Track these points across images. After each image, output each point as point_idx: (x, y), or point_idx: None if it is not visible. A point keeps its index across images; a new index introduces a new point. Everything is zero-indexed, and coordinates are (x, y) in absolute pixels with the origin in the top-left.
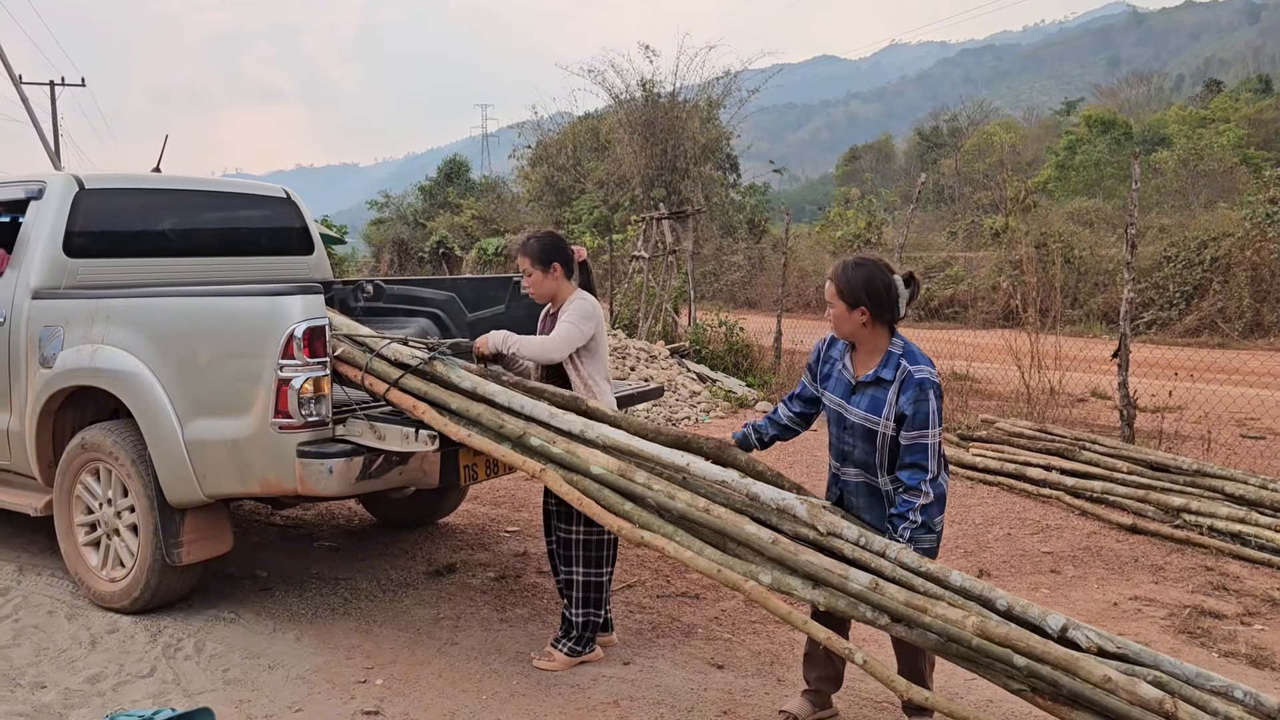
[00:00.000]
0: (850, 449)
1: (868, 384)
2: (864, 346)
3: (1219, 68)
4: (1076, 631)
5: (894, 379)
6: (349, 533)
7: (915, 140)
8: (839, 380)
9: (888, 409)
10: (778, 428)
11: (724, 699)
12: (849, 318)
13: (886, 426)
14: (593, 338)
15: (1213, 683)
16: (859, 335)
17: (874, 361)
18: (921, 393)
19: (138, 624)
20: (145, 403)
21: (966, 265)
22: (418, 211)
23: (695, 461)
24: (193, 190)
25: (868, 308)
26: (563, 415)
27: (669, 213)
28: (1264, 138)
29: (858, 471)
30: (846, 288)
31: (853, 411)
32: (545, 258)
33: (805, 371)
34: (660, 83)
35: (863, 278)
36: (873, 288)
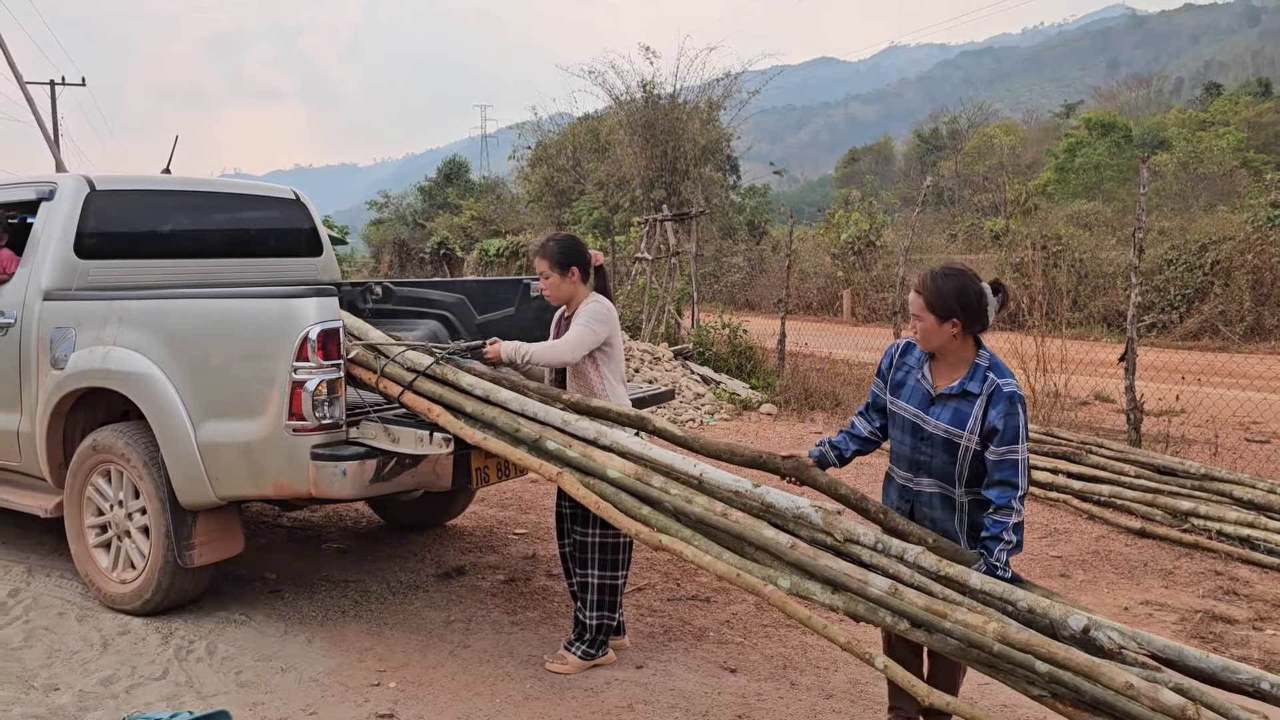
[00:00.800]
0: (927, 459)
1: (951, 396)
2: (947, 358)
3: (1218, 70)
4: (1098, 631)
5: (981, 392)
6: (357, 535)
7: (915, 142)
8: (916, 390)
9: (973, 423)
10: (858, 442)
11: (738, 703)
12: (939, 330)
13: (970, 440)
14: (608, 340)
15: (1239, 675)
16: (946, 347)
17: (958, 373)
18: (1012, 406)
19: (149, 626)
20: (158, 405)
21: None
22: (417, 212)
23: (708, 470)
24: (202, 192)
25: (960, 320)
26: (576, 422)
27: (672, 214)
28: (1264, 141)
29: (933, 483)
30: (938, 299)
31: (931, 423)
32: (564, 261)
33: (876, 380)
34: (660, 84)
35: (955, 288)
36: (966, 298)
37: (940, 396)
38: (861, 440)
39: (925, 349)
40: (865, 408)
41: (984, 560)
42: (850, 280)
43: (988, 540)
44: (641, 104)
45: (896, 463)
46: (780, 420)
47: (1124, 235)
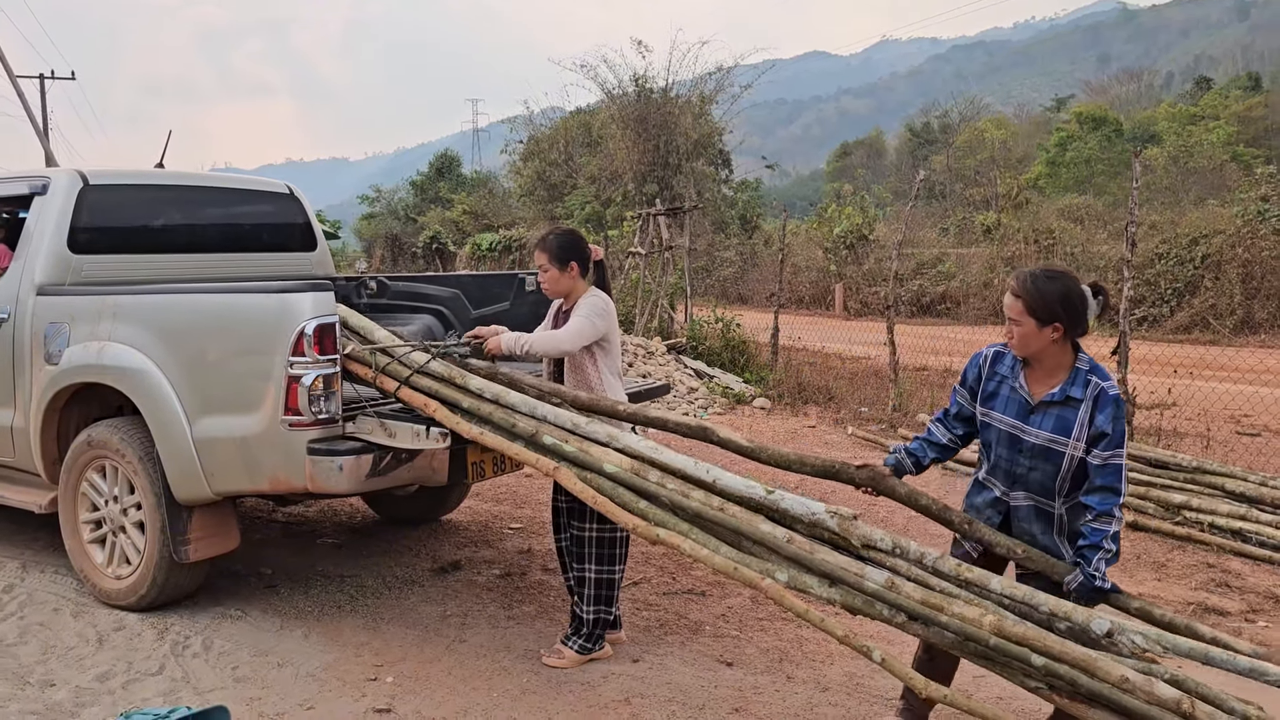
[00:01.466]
0: (1025, 472)
1: (1054, 403)
2: (1045, 363)
3: (1209, 65)
4: (1122, 636)
5: (1085, 397)
6: (352, 529)
7: (906, 136)
8: (1011, 400)
9: (1079, 429)
10: (936, 449)
11: (735, 696)
12: (1039, 335)
13: (1076, 448)
14: (606, 335)
15: (1269, 675)
16: (1045, 353)
17: (1056, 379)
18: (1118, 409)
19: (144, 621)
20: (153, 400)
21: (959, 261)
22: (409, 206)
23: (721, 476)
24: (196, 186)
25: (1063, 324)
26: (587, 424)
27: (665, 209)
28: (1253, 135)
29: (1028, 495)
30: (1040, 303)
31: (1032, 433)
32: (564, 256)
33: (960, 390)
34: (653, 78)
35: (1059, 291)
36: (1069, 302)
37: (1041, 404)
38: (940, 448)
39: (1021, 355)
40: (944, 415)
41: (1080, 570)
42: (842, 274)
43: (1085, 549)
44: (633, 98)
45: (992, 473)
46: (774, 414)
47: (1115, 229)
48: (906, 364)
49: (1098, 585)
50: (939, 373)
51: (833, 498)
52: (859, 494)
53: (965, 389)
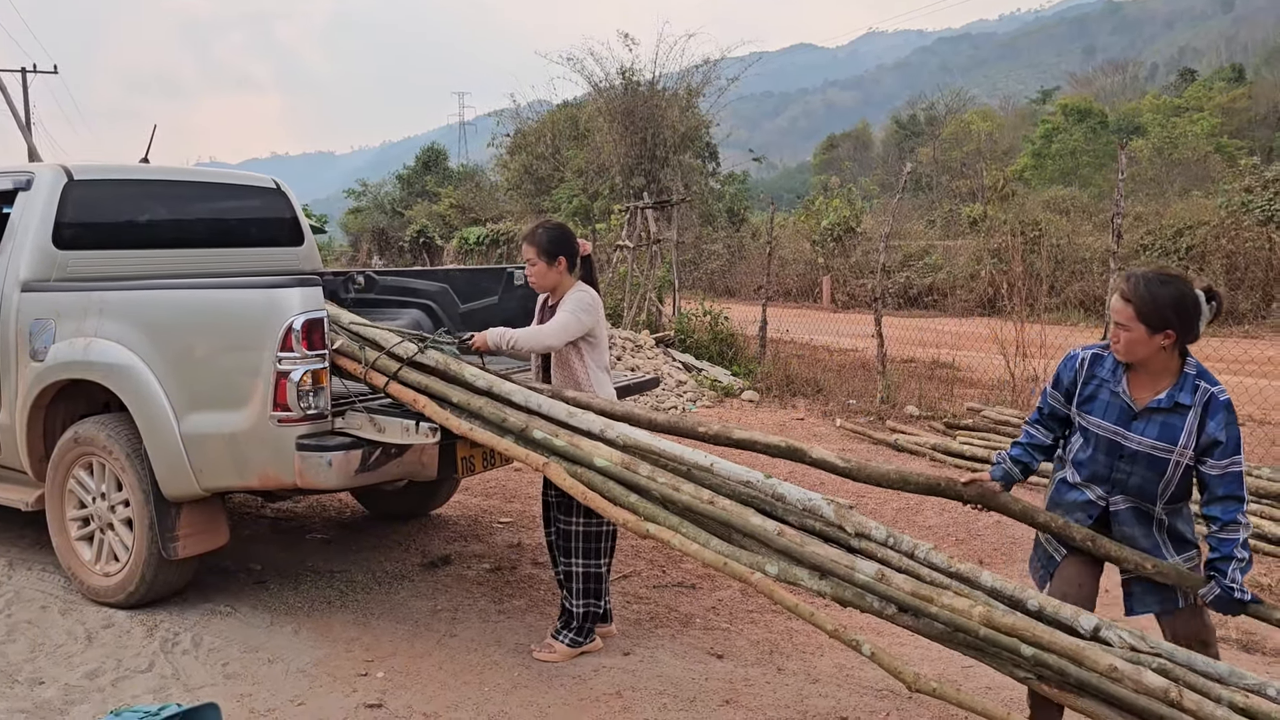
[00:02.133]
0: (1124, 477)
1: (1159, 410)
2: (1150, 368)
3: (1193, 56)
4: (1109, 631)
5: (1194, 403)
6: (341, 525)
7: (893, 129)
8: (1111, 405)
9: (1186, 436)
10: (1042, 452)
11: (725, 688)
12: (1148, 342)
13: (1184, 455)
14: (592, 330)
15: (1245, 680)
16: (1153, 359)
17: (1162, 384)
18: (1230, 415)
19: (133, 619)
20: (140, 396)
21: (945, 253)
22: (395, 200)
23: (719, 462)
24: (182, 181)
25: (1176, 331)
26: (582, 414)
27: (653, 202)
28: (1237, 126)
29: (1127, 499)
30: (1151, 309)
31: (1135, 439)
32: (552, 250)
33: (1052, 392)
34: (640, 71)
35: (1172, 297)
36: (1183, 308)
37: (1145, 411)
38: (1045, 450)
39: (1126, 360)
40: (1040, 416)
41: (1216, 583)
42: (830, 267)
43: (1218, 562)
44: (621, 91)
45: (1089, 480)
46: (762, 407)
47: (1100, 221)
48: (894, 356)
49: (1237, 597)
50: (926, 365)
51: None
52: (849, 488)
53: (1059, 391)
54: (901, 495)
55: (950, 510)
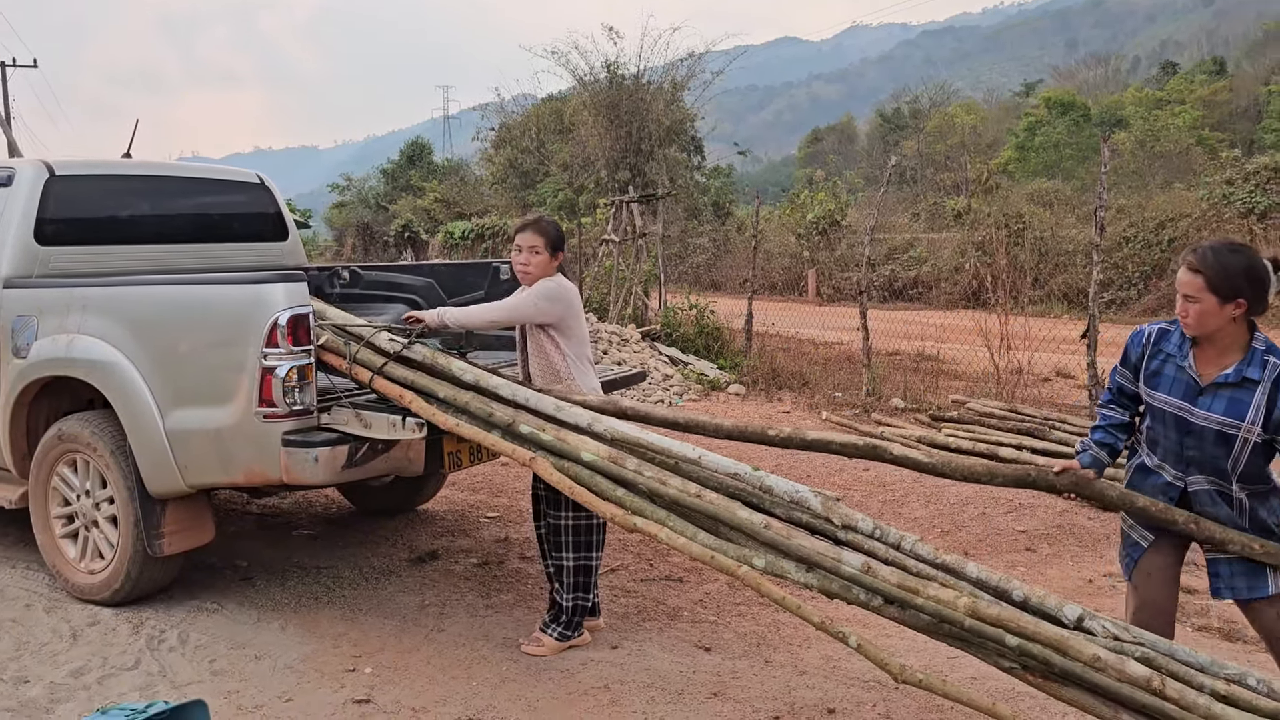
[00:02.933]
0: (1195, 454)
1: (1226, 385)
2: (1218, 343)
3: (1174, 50)
4: (1093, 621)
5: (1263, 378)
6: (327, 520)
7: (877, 122)
8: (1177, 380)
9: (1254, 412)
10: (1124, 430)
11: (713, 681)
12: (1219, 313)
13: (1251, 431)
14: (565, 320)
15: (1227, 670)
16: (1222, 332)
17: (1230, 359)
18: None
19: (119, 616)
20: (124, 393)
21: (930, 246)
22: (380, 195)
23: (707, 455)
24: (165, 176)
25: (1247, 300)
26: (570, 409)
27: (639, 196)
28: (1218, 119)
29: (1206, 479)
30: (1222, 278)
31: (1200, 415)
32: (557, 242)
33: (1120, 369)
34: (624, 64)
35: (1243, 265)
36: (1255, 276)
37: (1211, 386)
38: (1125, 428)
39: (1196, 333)
40: (1112, 395)
41: None
42: (815, 260)
43: None
44: (605, 85)
45: (1164, 458)
46: (748, 400)
47: (1083, 213)
48: (879, 349)
49: None
50: (911, 357)
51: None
52: (835, 480)
53: (1127, 368)
54: (887, 488)
55: (935, 503)
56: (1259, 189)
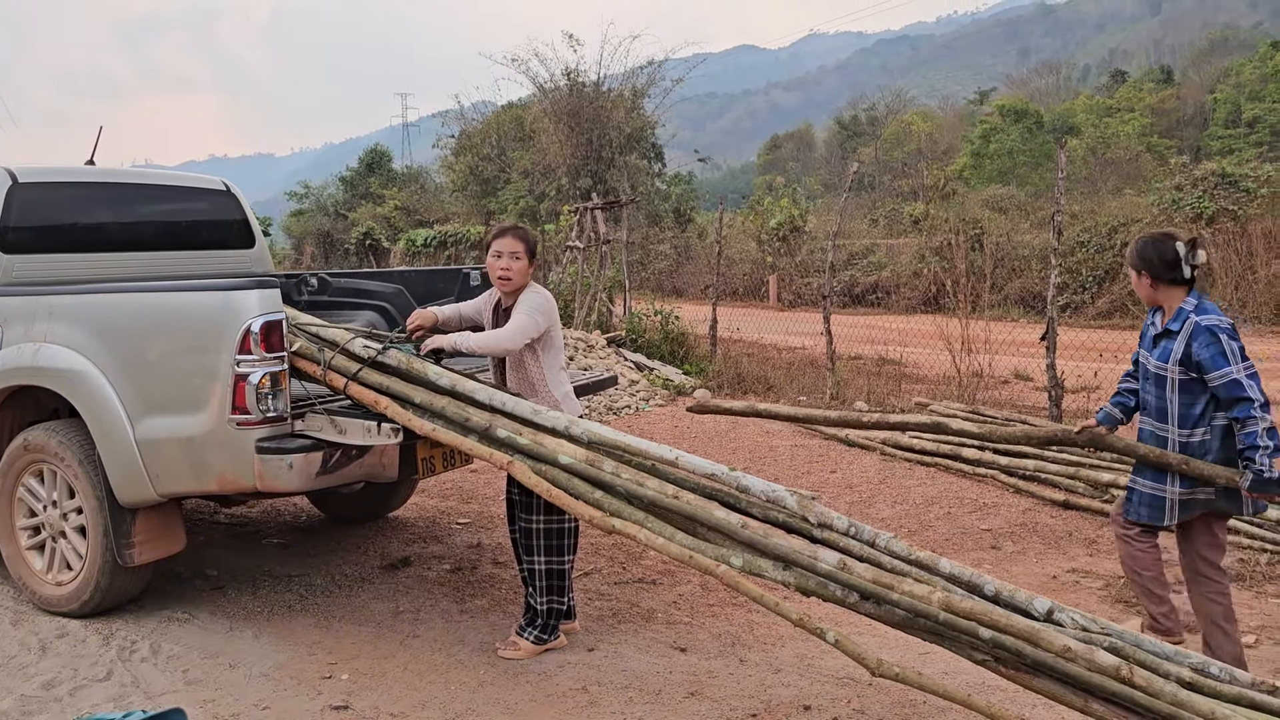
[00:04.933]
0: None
1: (1161, 335)
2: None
3: (1123, 58)
4: (1062, 614)
5: (1180, 329)
6: (298, 529)
7: (835, 129)
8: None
9: (1173, 357)
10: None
11: (689, 681)
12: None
13: (1174, 371)
14: (548, 331)
15: (1191, 659)
16: (1154, 298)
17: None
18: (1211, 336)
19: (88, 627)
20: (93, 402)
21: (889, 252)
22: (339, 203)
23: (684, 456)
24: (130, 184)
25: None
26: (546, 412)
27: (602, 203)
28: (1166, 126)
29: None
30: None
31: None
32: (533, 250)
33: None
34: (584, 72)
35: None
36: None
37: (1155, 338)
38: (1137, 392)
39: (1145, 303)
40: (1132, 368)
41: (1248, 469)
42: (776, 266)
43: (1246, 451)
44: (566, 92)
45: (1145, 411)
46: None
47: (1037, 219)
48: (842, 353)
49: (1266, 476)
50: (874, 361)
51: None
52: (808, 480)
53: (1140, 344)
54: (854, 489)
55: (902, 503)
56: (1206, 195)
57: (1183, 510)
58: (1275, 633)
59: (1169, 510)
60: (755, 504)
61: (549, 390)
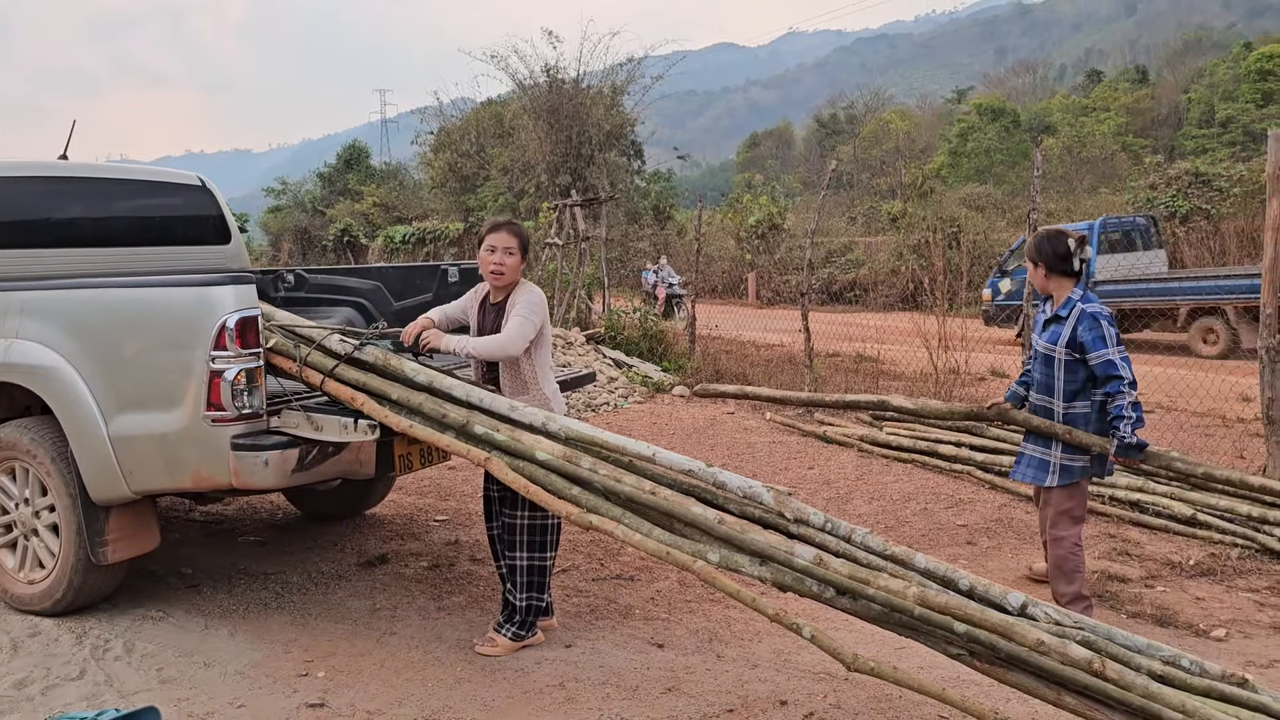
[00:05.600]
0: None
1: (1050, 321)
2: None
3: (1098, 58)
4: (1035, 608)
5: (1068, 315)
6: (274, 526)
7: (814, 127)
8: (1039, 322)
9: (1060, 339)
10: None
11: (667, 677)
12: (1034, 273)
13: (1060, 352)
14: (541, 328)
15: (1162, 652)
16: (1046, 288)
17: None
18: (1093, 322)
19: (61, 626)
20: (66, 398)
21: (866, 250)
22: (317, 199)
23: (661, 452)
24: (103, 178)
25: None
26: (524, 409)
27: (581, 200)
28: (1141, 126)
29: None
30: (1031, 250)
31: (1042, 344)
32: (526, 245)
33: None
34: (564, 69)
35: (1034, 242)
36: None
37: (1044, 323)
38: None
39: (1040, 291)
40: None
41: (1114, 437)
42: (755, 263)
43: (1114, 420)
44: (545, 89)
45: (1035, 387)
46: (693, 402)
47: (1013, 217)
48: (820, 350)
49: (1129, 442)
50: (851, 358)
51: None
52: (784, 476)
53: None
54: (831, 485)
55: (879, 499)
56: (1180, 194)
57: (1063, 475)
58: (1245, 626)
59: (1051, 472)
60: (732, 500)
61: (540, 387)
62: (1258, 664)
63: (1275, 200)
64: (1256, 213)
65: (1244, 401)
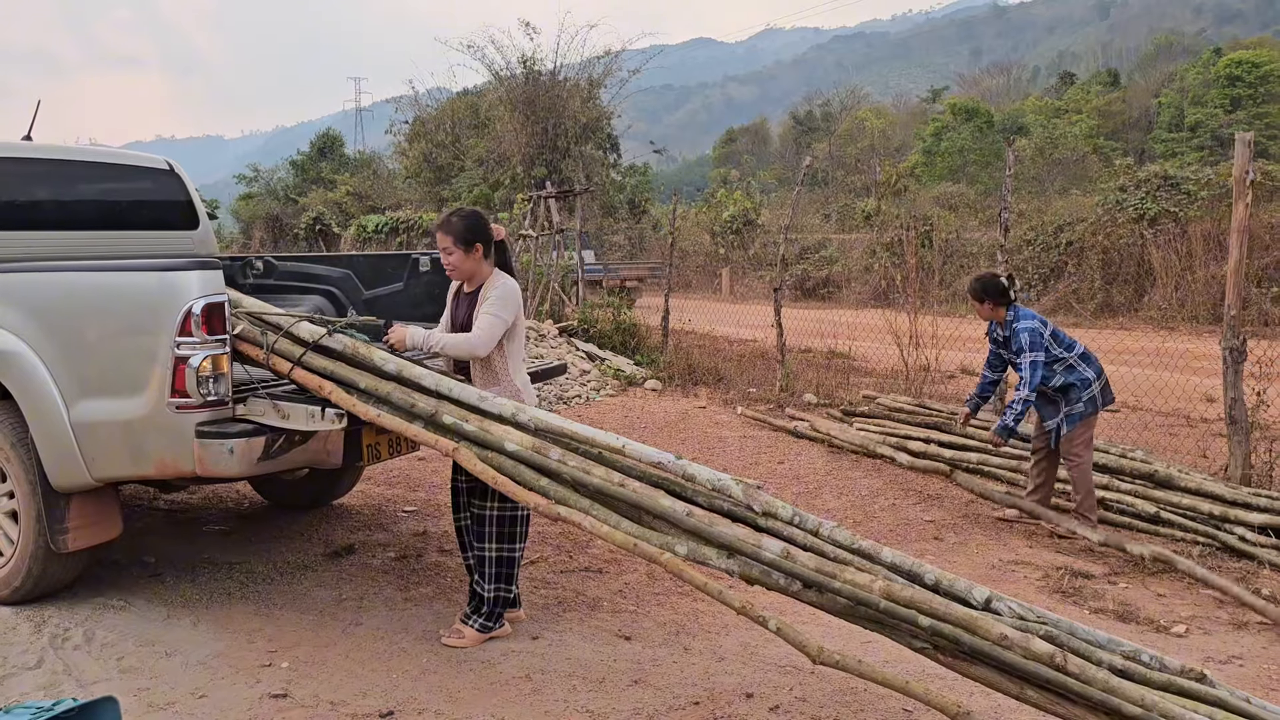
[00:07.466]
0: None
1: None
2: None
3: (1072, 61)
4: (1000, 603)
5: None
6: (240, 516)
7: (790, 124)
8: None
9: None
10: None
11: (634, 669)
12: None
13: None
14: (514, 320)
15: (1123, 648)
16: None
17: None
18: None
19: (19, 615)
20: (26, 383)
21: (841, 247)
22: (289, 187)
23: (631, 444)
24: (69, 160)
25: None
26: (493, 399)
27: (556, 192)
28: (1112, 128)
29: None
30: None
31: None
32: (468, 238)
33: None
34: (541, 60)
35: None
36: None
37: (1006, 338)
38: (992, 383)
39: (985, 320)
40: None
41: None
42: (729, 258)
43: (1007, 408)
44: (522, 80)
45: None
46: (665, 396)
47: (986, 217)
48: (792, 346)
49: (1004, 425)
50: (823, 354)
51: None
52: (755, 470)
53: (991, 341)
54: (801, 480)
55: (847, 494)
56: (1149, 196)
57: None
58: (1205, 622)
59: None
60: (701, 492)
61: (510, 379)
62: (1216, 659)
63: (1241, 204)
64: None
65: (1208, 402)
